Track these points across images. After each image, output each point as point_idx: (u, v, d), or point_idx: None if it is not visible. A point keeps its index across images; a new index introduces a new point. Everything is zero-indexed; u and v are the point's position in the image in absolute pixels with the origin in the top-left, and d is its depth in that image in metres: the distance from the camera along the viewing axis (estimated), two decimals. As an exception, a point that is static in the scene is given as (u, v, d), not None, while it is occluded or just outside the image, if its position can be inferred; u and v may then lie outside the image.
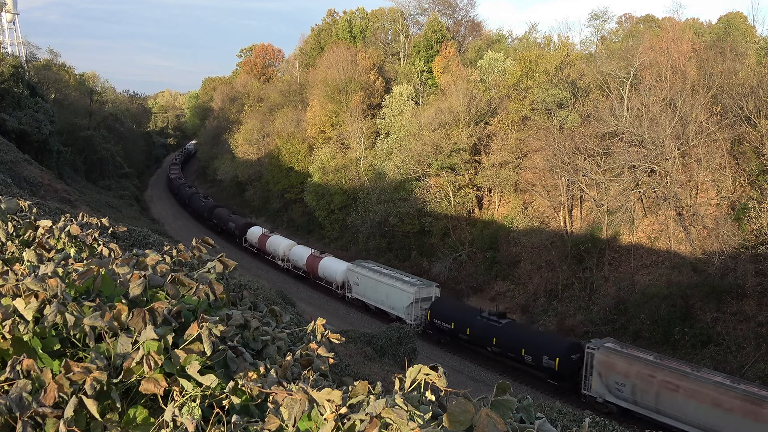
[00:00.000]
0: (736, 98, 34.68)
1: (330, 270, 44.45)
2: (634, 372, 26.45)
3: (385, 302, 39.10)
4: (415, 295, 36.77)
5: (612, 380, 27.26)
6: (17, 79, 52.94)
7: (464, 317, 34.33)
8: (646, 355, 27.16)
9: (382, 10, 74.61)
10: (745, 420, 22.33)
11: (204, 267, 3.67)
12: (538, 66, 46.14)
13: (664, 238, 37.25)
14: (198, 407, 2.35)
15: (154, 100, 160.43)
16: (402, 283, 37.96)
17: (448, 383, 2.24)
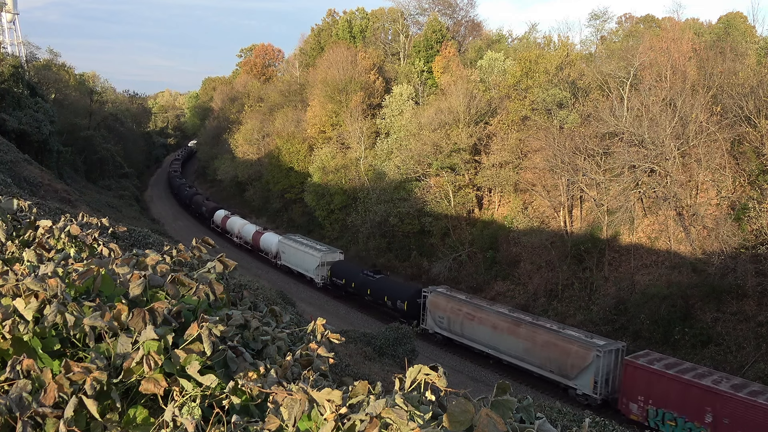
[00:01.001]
0: (736, 98, 34.68)
1: (267, 243, 53.00)
2: (449, 308, 35.15)
3: (301, 266, 47.80)
4: (321, 259, 45.50)
5: (437, 315, 36.01)
6: (17, 79, 52.95)
7: (352, 274, 42.79)
8: (459, 295, 36.09)
9: (382, 10, 74.65)
10: (510, 337, 31.84)
11: (204, 267, 3.67)
12: (538, 66, 46.14)
13: (664, 238, 37.25)
14: (198, 407, 2.35)
15: (154, 100, 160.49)
16: (313, 250, 46.70)
17: (448, 383, 2.24)
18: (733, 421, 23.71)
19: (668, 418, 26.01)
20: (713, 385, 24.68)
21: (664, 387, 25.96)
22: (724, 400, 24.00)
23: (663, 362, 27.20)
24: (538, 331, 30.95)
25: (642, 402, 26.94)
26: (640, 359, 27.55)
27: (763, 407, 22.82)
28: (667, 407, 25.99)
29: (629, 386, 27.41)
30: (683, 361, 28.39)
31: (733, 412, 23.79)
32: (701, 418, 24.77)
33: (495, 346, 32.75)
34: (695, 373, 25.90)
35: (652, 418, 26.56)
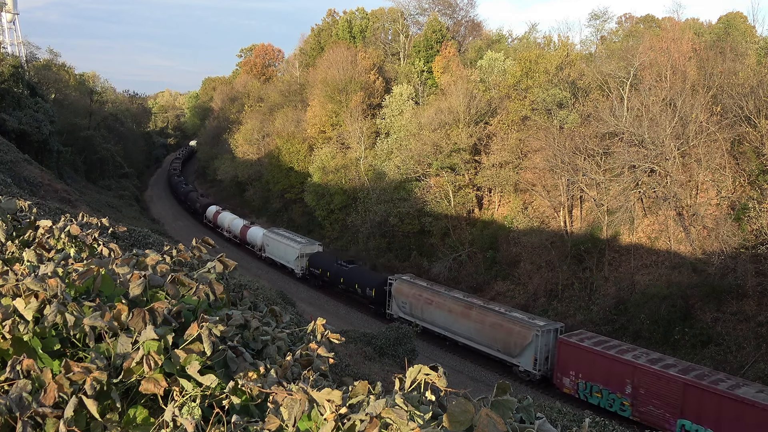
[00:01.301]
0: (736, 98, 34.68)
1: (252, 236, 56.04)
2: (411, 294, 37.78)
3: (283, 257, 50.37)
4: (300, 250, 48.07)
5: (400, 301, 38.56)
6: (17, 79, 52.94)
7: (327, 265, 45.38)
8: (421, 282, 38.93)
9: (382, 10, 74.63)
10: (463, 319, 34.32)
11: (204, 267, 3.67)
12: (538, 66, 46.13)
13: (664, 238, 37.25)
14: (198, 407, 2.35)
15: (154, 100, 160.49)
16: (293, 242, 49.42)
17: (448, 383, 2.24)
18: (647, 391, 26.48)
19: (595, 390, 28.58)
20: (632, 359, 27.22)
21: (592, 362, 28.45)
22: (641, 372, 26.64)
23: (592, 340, 29.77)
24: (487, 313, 33.48)
25: (573, 376, 29.43)
26: (572, 338, 30.13)
27: (672, 378, 25.65)
28: (594, 380, 28.53)
29: (562, 362, 29.84)
30: (610, 339, 30.98)
31: (648, 383, 26.46)
32: (622, 389, 27.41)
33: (450, 329, 35.40)
34: (618, 349, 28.42)
35: (581, 391, 29.10)
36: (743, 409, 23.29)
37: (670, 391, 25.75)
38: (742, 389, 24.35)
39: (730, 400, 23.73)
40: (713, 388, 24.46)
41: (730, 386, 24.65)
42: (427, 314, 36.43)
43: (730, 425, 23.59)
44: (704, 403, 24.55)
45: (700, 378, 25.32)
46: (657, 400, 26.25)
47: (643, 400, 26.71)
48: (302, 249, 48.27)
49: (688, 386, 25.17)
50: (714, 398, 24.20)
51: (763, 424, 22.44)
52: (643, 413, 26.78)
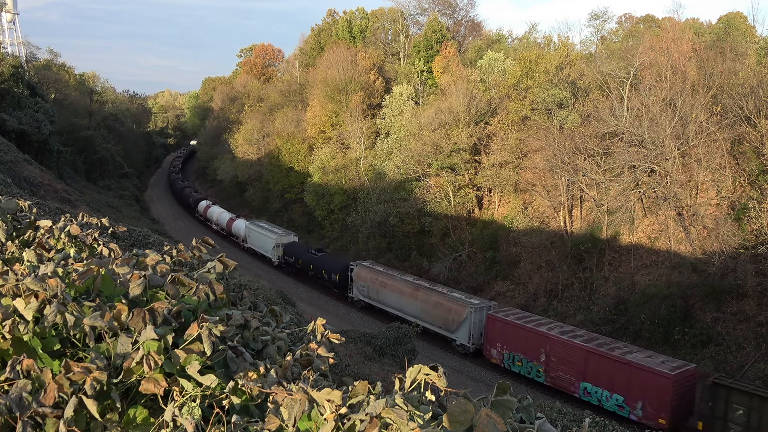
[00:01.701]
0: (736, 98, 34.68)
1: (237, 228, 59.37)
2: (369, 278, 40.94)
3: (262, 247, 53.60)
4: (276, 240, 51.32)
5: (360, 285, 41.76)
6: (17, 79, 52.94)
7: (300, 253, 48.62)
8: (378, 267, 42.14)
9: (382, 10, 74.62)
10: (411, 300, 37.39)
11: (204, 267, 3.67)
12: (538, 66, 46.13)
13: (664, 238, 37.25)
14: (198, 407, 2.35)
15: (154, 100, 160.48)
16: (270, 233, 52.91)
17: (448, 383, 2.24)
18: (557, 359, 29.70)
19: (516, 360, 31.93)
20: (546, 331, 30.55)
21: (514, 335, 31.87)
22: (553, 342, 29.92)
23: (516, 315, 33.28)
24: (431, 294, 36.74)
25: (499, 348, 32.86)
26: (499, 313, 33.57)
27: (576, 345, 29.00)
28: (515, 351, 31.89)
29: (490, 336, 33.35)
30: (533, 314, 34.71)
31: (558, 351, 29.70)
32: (538, 357, 30.71)
33: (401, 308, 38.40)
34: (536, 323, 31.94)
35: (506, 361, 32.50)
36: (630, 371, 26.74)
37: (574, 358, 29.00)
38: (633, 355, 27.71)
39: (620, 363, 27.19)
40: (608, 354, 27.75)
41: (623, 353, 27.92)
42: (382, 296, 39.94)
43: (620, 385, 27.19)
44: (601, 367, 27.88)
45: (599, 346, 28.60)
46: (565, 366, 29.46)
47: (554, 367, 29.98)
48: (278, 239, 51.53)
49: (589, 353, 28.43)
50: (608, 362, 27.54)
51: (646, 382, 26.22)
52: (554, 378, 30.10)
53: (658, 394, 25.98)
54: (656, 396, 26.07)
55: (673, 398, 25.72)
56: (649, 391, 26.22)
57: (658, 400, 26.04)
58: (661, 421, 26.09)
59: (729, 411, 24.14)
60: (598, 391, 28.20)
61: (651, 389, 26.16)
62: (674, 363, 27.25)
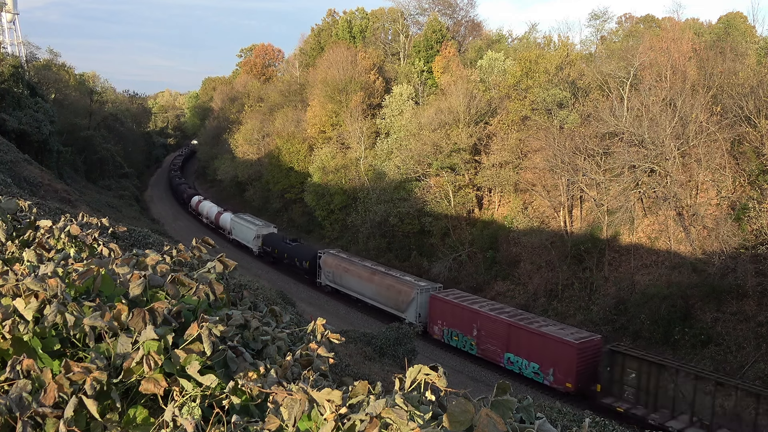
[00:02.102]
0: (736, 98, 34.67)
1: (223, 221, 62.95)
2: (334, 265, 44.39)
3: (244, 238, 57.21)
4: (256, 231, 54.89)
5: (326, 271, 45.14)
6: (17, 79, 52.92)
7: (276, 243, 51.97)
8: (342, 255, 45.86)
9: (382, 10, 74.63)
10: (368, 283, 40.84)
11: (204, 267, 3.67)
12: (538, 66, 46.12)
13: (664, 238, 37.24)
14: (198, 407, 2.35)
15: (154, 100, 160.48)
16: (251, 225, 56.48)
17: (448, 383, 2.24)
18: (486, 332, 33.16)
19: (454, 335, 35.22)
20: (478, 308, 33.99)
21: (452, 312, 35.16)
22: (482, 317, 33.39)
23: (454, 295, 36.68)
24: (385, 277, 40.11)
25: (440, 325, 36.09)
26: (440, 294, 36.88)
27: (500, 320, 32.53)
28: (453, 327, 35.15)
29: (433, 314, 36.60)
30: (470, 294, 37.86)
31: (486, 326, 33.19)
32: (471, 332, 34.07)
33: (360, 292, 41.90)
34: (470, 301, 35.37)
35: (446, 336, 35.78)
36: (543, 341, 30.08)
37: (499, 331, 32.48)
38: (547, 327, 31.19)
39: (535, 335, 30.66)
40: (526, 327, 31.25)
41: (540, 325, 31.43)
42: (345, 281, 43.36)
43: (536, 354, 30.53)
44: (521, 339, 31.30)
45: (520, 320, 32.06)
46: (492, 339, 32.93)
47: (484, 340, 33.42)
48: (258, 230, 55.10)
49: (511, 326, 31.89)
50: (526, 334, 31.04)
51: (556, 351, 29.51)
52: (484, 350, 33.45)
53: (565, 361, 29.14)
54: (564, 363, 29.20)
55: (578, 365, 28.73)
56: (558, 359, 29.37)
57: (565, 366, 29.18)
58: (568, 385, 29.15)
59: (624, 375, 27.40)
60: (518, 360, 31.68)
61: (560, 357, 29.33)
62: (581, 334, 30.50)
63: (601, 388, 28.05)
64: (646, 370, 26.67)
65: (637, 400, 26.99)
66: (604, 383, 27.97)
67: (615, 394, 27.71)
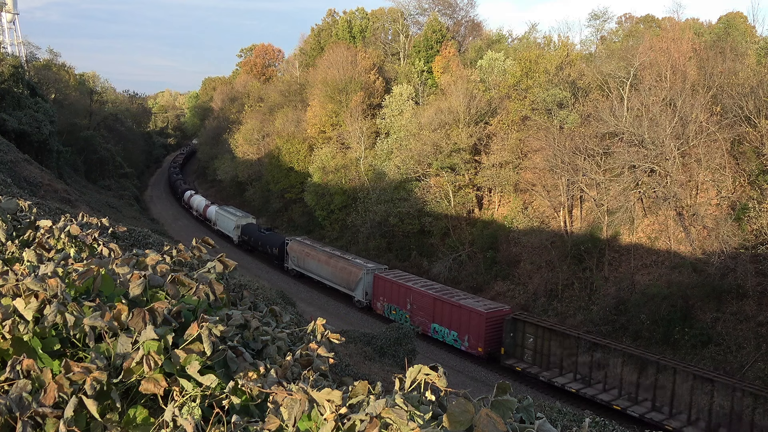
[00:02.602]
0: (736, 98, 34.66)
1: (209, 213, 67.09)
2: (298, 250, 48.67)
3: (226, 228, 61.58)
4: (236, 222, 59.40)
5: (292, 256, 49.34)
6: (17, 79, 52.92)
7: (252, 232, 56.74)
8: (306, 241, 50.53)
9: (382, 10, 74.63)
10: (326, 266, 45.10)
11: (204, 267, 3.67)
12: (538, 66, 46.11)
13: (664, 238, 37.24)
14: (198, 407, 2.35)
15: (154, 100, 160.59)
16: (232, 216, 60.86)
17: (448, 383, 2.24)
18: (417, 306, 37.51)
19: (392, 309, 39.49)
20: (411, 285, 38.44)
21: (391, 289, 39.61)
22: (413, 293, 37.83)
23: (393, 274, 41.13)
24: (339, 260, 44.44)
25: (381, 301, 40.50)
26: (382, 273, 41.19)
27: (428, 294, 36.90)
28: (391, 302, 39.59)
29: (376, 291, 41.01)
30: (408, 274, 42.47)
31: (417, 300, 37.53)
32: (405, 306, 38.48)
33: (319, 274, 46.14)
34: (406, 279, 39.97)
35: (386, 311, 40.12)
36: (460, 312, 34.67)
37: (427, 305, 36.79)
38: (465, 300, 35.62)
39: (454, 306, 35.10)
40: (448, 300, 35.69)
41: (459, 298, 35.85)
42: (307, 264, 47.69)
43: (455, 323, 35.04)
44: (444, 311, 35.73)
45: (443, 294, 36.53)
46: (422, 311, 37.19)
47: (415, 313, 37.64)
48: (238, 221, 59.42)
49: (435, 299, 36.29)
50: (448, 306, 35.47)
51: (470, 320, 34.12)
52: (416, 321, 36.90)
53: (476, 329, 33.84)
54: (475, 330, 33.92)
55: (486, 331, 33.38)
56: (471, 327, 34.12)
57: (476, 333, 33.87)
58: (479, 350, 33.81)
59: (524, 339, 32.16)
60: (442, 329, 36.10)
61: (472, 325, 34.05)
62: (491, 305, 35.34)
63: (504, 351, 32.84)
64: (541, 335, 31.51)
65: (533, 361, 31.72)
66: (507, 347, 32.77)
67: (516, 356, 32.52)
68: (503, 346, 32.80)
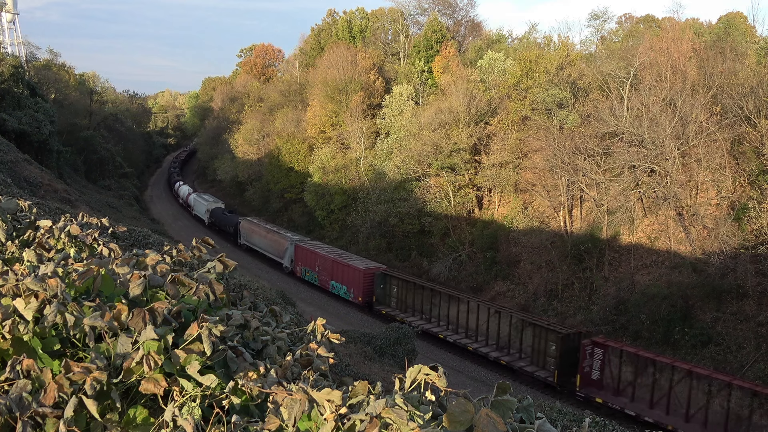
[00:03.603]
0: (736, 98, 34.66)
1: (190, 200, 74.73)
2: (247, 228, 57.49)
3: (199, 212, 69.94)
4: (207, 206, 67.69)
5: (243, 233, 58.14)
6: (17, 79, 52.93)
7: (218, 215, 65.22)
8: (253, 220, 59.59)
9: (382, 10, 74.63)
10: (264, 240, 53.80)
11: (204, 267, 3.67)
12: (538, 66, 46.11)
13: (664, 238, 37.23)
14: (198, 407, 2.35)
15: (154, 100, 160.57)
16: (204, 201, 69.66)
17: (448, 383, 2.24)
18: (321, 267, 45.62)
19: (306, 271, 47.76)
20: (317, 250, 46.86)
21: (306, 255, 47.91)
22: (320, 257, 45.98)
23: (309, 243, 49.63)
24: (273, 234, 53.23)
25: (300, 265, 48.71)
26: (300, 243, 49.56)
27: (328, 258, 44.87)
28: (305, 266, 47.83)
29: (296, 258, 49.23)
30: (319, 242, 51.45)
31: (322, 263, 45.62)
32: (314, 268, 46.59)
33: (261, 246, 54.59)
34: (316, 246, 48.53)
35: (303, 273, 48.29)
36: (348, 270, 42.66)
37: (327, 266, 44.75)
38: (353, 261, 43.86)
39: (344, 265, 43.10)
40: (341, 261, 43.80)
41: (349, 260, 43.89)
42: (252, 239, 56.37)
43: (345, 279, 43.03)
44: (338, 270, 43.64)
45: (338, 257, 44.70)
46: (324, 272, 45.16)
47: (320, 273, 45.79)
48: (208, 206, 67.68)
49: (333, 261, 44.20)
50: (341, 266, 43.46)
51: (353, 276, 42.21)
52: (321, 281, 45.62)
53: (357, 282, 41.73)
54: (357, 284, 41.77)
55: (364, 284, 41.27)
56: (354, 281, 42.01)
57: (357, 286, 41.74)
58: (359, 299, 41.76)
59: (390, 290, 40.67)
60: (337, 285, 43.86)
61: (355, 280, 41.88)
62: (371, 264, 43.36)
63: (375, 299, 41.21)
64: (403, 287, 39.81)
65: (397, 306, 40.21)
66: (377, 296, 41.10)
67: (384, 303, 40.85)
68: (374, 295, 41.15)
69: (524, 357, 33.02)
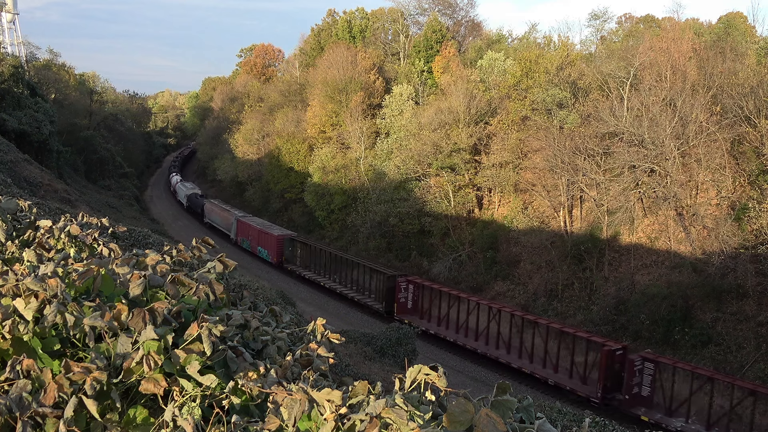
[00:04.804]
0: (736, 98, 34.65)
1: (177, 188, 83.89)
2: (210, 209, 66.72)
3: (181, 197, 79.58)
4: (185, 192, 77.40)
5: (206, 213, 67.36)
6: (17, 79, 52.92)
7: (192, 199, 74.40)
8: (214, 201, 69.31)
9: (382, 10, 74.62)
10: (219, 217, 63.75)
11: (204, 267, 3.67)
12: (539, 66, 46.11)
13: (664, 238, 37.23)
14: (198, 407, 2.35)
15: (154, 100, 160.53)
16: (184, 188, 79.40)
17: (448, 383, 2.24)
18: (252, 236, 55.34)
19: (243, 241, 57.05)
20: (251, 223, 56.20)
21: (243, 228, 57.36)
22: (251, 228, 55.61)
23: (248, 218, 59.09)
24: (225, 212, 62.57)
25: (239, 236, 57.96)
26: (240, 217, 58.91)
27: (256, 227, 55.38)
28: (243, 236, 57.23)
29: (237, 230, 58.58)
30: (255, 216, 61.78)
31: (253, 234, 55.24)
32: (248, 237, 56.04)
33: (218, 223, 63.89)
34: (249, 219, 58.44)
35: (241, 242, 57.28)
36: (268, 237, 52.41)
37: (256, 234, 54.46)
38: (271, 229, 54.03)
39: (266, 233, 52.81)
40: (265, 230, 53.73)
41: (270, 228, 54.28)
42: (212, 217, 65.55)
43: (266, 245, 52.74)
44: (262, 237, 53.29)
45: (263, 227, 54.41)
46: (254, 240, 54.96)
47: (251, 241, 55.53)
48: (187, 191, 76.92)
49: (259, 231, 54.01)
50: (264, 234, 53.03)
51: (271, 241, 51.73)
52: (252, 247, 55.15)
53: (273, 246, 51.56)
54: (273, 247, 51.62)
55: (278, 248, 51.11)
56: (271, 246, 51.84)
57: (273, 249, 51.61)
58: (275, 260, 51.49)
59: (295, 251, 49.98)
60: (262, 250, 53.52)
61: (272, 245, 51.71)
62: (284, 231, 53.80)
63: (285, 259, 50.81)
64: (306, 248, 49.21)
65: (301, 264, 49.24)
66: (286, 257, 50.78)
67: (292, 262, 50.13)
68: (284, 256, 50.79)
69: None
